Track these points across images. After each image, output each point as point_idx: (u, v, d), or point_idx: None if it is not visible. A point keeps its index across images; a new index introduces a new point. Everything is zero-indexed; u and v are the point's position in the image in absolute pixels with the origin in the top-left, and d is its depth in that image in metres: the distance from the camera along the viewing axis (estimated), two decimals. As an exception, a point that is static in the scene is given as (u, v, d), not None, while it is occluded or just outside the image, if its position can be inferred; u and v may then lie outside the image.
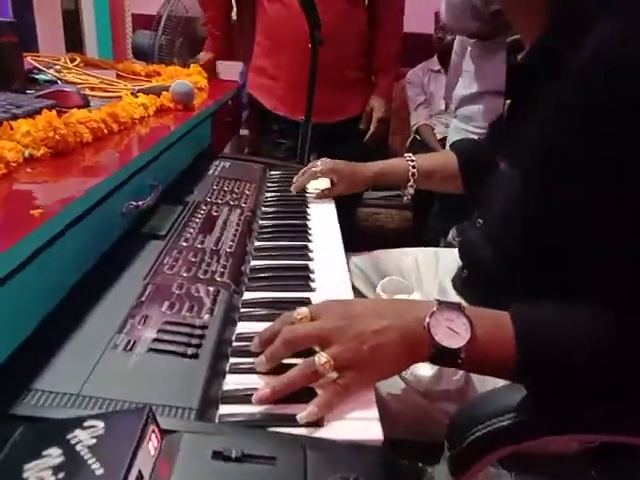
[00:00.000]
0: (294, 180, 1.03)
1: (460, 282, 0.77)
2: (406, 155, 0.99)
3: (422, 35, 2.86)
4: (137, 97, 1.06)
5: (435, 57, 2.75)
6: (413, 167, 0.95)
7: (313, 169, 0.98)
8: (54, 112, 0.71)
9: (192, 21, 2.60)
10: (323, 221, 0.92)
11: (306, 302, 0.62)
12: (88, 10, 2.62)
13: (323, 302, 0.52)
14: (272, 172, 1.19)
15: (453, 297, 0.78)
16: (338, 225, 0.90)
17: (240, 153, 2.07)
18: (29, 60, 1.20)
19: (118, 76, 1.52)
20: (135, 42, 2.49)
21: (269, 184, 1.11)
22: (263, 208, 0.97)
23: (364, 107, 1.63)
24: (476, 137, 1.17)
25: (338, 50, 1.45)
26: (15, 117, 0.78)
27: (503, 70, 0.72)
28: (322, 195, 1.00)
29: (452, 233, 1.27)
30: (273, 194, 1.05)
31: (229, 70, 2.97)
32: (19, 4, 1.56)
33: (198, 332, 0.53)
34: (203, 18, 1.85)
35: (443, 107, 2.72)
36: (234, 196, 0.96)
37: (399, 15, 1.66)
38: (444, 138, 2.65)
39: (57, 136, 0.65)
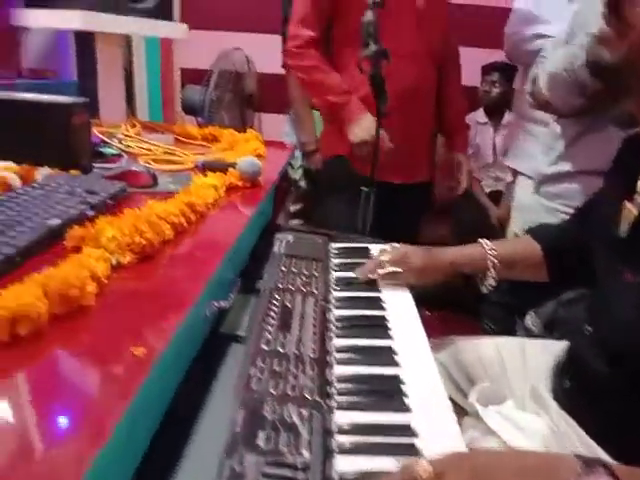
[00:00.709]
0: (361, 271, 0.97)
1: (562, 394, 0.70)
2: (482, 241, 0.94)
3: (467, 87, 2.86)
4: (204, 172, 1.05)
5: (481, 109, 2.73)
6: (493, 256, 0.89)
7: (381, 258, 0.93)
8: (137, 211, 0.69)
9: (241, 77, 2.66)
10: (400, 312, 0.87)
11: (405, 428, 0.57)
12: (140, 66, 2.70)
13: (447, 456, 0.47)
14: (335, 245, 1.16)
15: (551, 406, 0.71)
16: (418, 318, 0.85)
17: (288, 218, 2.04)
18: (95, 132, 1.21)
19: (176, 140, 1.53)
20: (185, 97, 2.55)
21: (335, 261, 1.08)
22: (334, 292, 0.93)
23: (431, 172, 1.63)
24: (565, 216, 1.10)
25: (413, 110, 1.45)
26: (92, 207, 0.77)
27: (603, 148, 0.68)
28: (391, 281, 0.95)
29: (531, 319, 1.21)
30: (341, 274, 1.01)
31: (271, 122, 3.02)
32: (83, 64, 1.59)
33: (301, 476, 0.48)
34: (297, 42, 1.48)
35: (490, 160, 2.68)
36: (304, 279, 0.92)
37: (461, 70, 1.70)
38: (492, 192, 2.60)
39: (143, 240, 0.63)
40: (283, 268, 0.96)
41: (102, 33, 1.37)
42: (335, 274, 1.01)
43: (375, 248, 1.17)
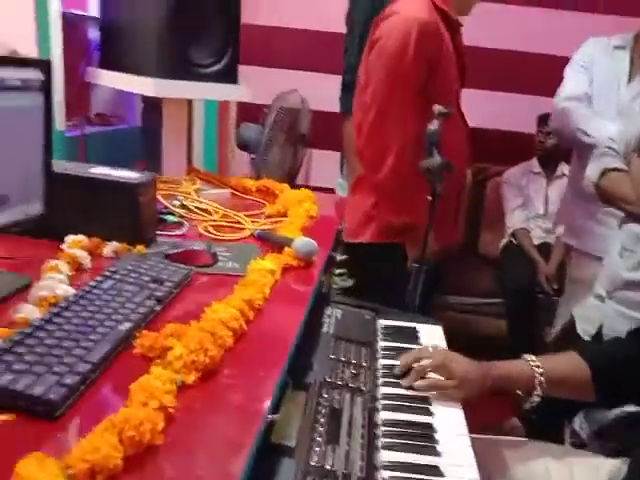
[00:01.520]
0: (401, 362, 0.96)
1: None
2: (527, 357, 0.92)
3: (522, 134, 2.83)
4: (261, 243, 1.08)
5: (535, 159, 2.69)
6: (540, 374, 0.88)
7: (423, 363, 0.92)
8: (201, 322, 0.72)
9: (297, 117, 2.71)
10: (447, 418, 0.87)
11: None
12: (198, 104, 2.79)
13: None
14: (383, 323, 1.17)
15: None
16: (466, 428, 0.85)
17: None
18: (159, 198, 1.26)
19: (233, 195, 1.59)
20: (240, 134, 2.62)
21: (383, 343, 1.08)
22: (382, 387, 0.94)
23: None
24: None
25: (458, 176, 1.44)
26: (159, 301, 0.81)
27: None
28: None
29: (580, 422, 1.18)
30: (388, 362, 1.02)
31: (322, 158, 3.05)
32: (148, 114, 1.66)
33: None
34: (396, 179, 1.36)
35: (542, 211, 2.63)
36: (352, 371, 0.94)
37: None
38: (541, 244, 2.55)
39: (207, 359, 0.66)
40: (332, 356, 0.98)
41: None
42: (382, 361, 1.02)
43: (423, 330, 1.18)
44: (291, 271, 1.06)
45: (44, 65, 0.86)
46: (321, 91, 2.96)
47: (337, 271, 1.80)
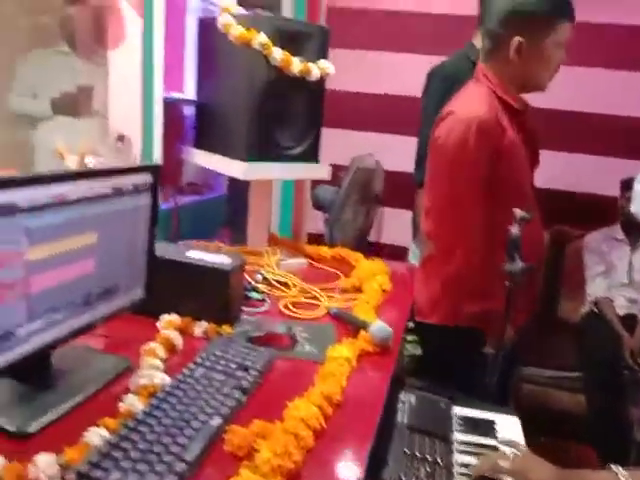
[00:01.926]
0: (477, 469, 0.94)
1: None
2: (616, 469, 0.87)
3: (606, 197, 2.74)
4: (337, 321, 1.12)
5: (618, 225, 2.58)
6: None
7: (501, 465, 0.90)
8: (284, 422, 0.76)
9: (371, 179, 2.79)
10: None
11: None
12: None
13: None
14: (458, 412, 1.16)
15: None
16: None
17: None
18: (245, 276, 1.33)
19: (310, 265, 1.65)
20: (317, 195, 2.71)
21: (459, 437, 1.07)
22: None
23: None
24: None
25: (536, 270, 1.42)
26: (244, 391, 0.86)
27: None
28: None
29: None
30: (464, 457, 1.00)
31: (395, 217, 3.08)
32: (235, 183, 1.76)
33: None
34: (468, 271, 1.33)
35: (625, 280, 2.50)
36: (427, 469, 0.94)
37: None
38: (626, 315, 2.42)
39: (292, 463, 0.69)
40: (407, 450, 0.98)
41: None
42: (458, 457, 1.01)
43: (500, 422, 1.15)
44: (367, 357, 1.08)
45: (153, 170, 0.96)
46: (394, 152, 3.03)
47: (408, 337, 1.80)
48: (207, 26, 1.56)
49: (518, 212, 1.01)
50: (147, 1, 1.41)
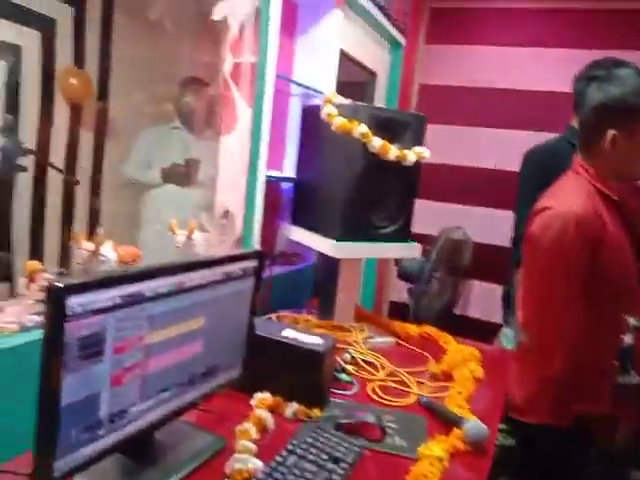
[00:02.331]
0: None
1: None
2: None
3: None
4: (426, 411, 1.08)
5: None
6: None
7: None
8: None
9: (460, 251, 2.75)
10: None
11: None
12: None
13: None
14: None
15: None
16: None
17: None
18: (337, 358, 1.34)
19: (397, 344, 1.63)
20: (403, 265, 2.71)
21: None
22: None
23: None
24: None
25: None
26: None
27: None
28: None
29: None
30: None
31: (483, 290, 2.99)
32: (325, 259, 1.79)
33: None
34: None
35: None
36: None
37: None
38: None
39: None
40: None
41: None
42: None
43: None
44: (459, 457, 1.04)
45: (258, 255, 1.02)
46: (483, 224, 2.99)
47: (499, 426, 1.70)
48: (310, 113, 1.67)
49: (631, 320, 0.96)
50: (258, 93, 1.54)
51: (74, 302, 0.64)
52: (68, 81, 2.33)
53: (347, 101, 1.58)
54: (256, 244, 1.66)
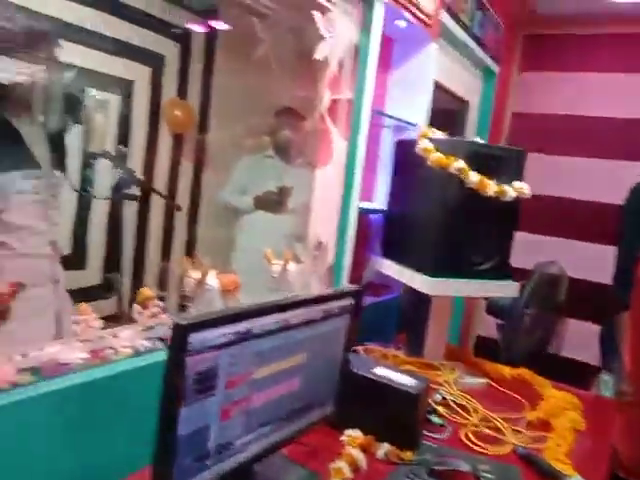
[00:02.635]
0: None
1: None
2: None
3: None
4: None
5: None
6: None
7: None
8: None
9: (555, 286, 2.61)
10: None
11: None
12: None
13: None
14: None
15: None
16: None
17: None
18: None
19: (489, 386, 1.57)
20: (494, 300, 2.61)
21: None
22: None
23: None
24: None
25: None
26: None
27: None
28: None
29: None
30: None
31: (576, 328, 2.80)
32: (415, 305, 1.75)
33: None
34: None
35: None
36: None
37: None
38: None
39: None
40: None
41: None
42: None
43: None
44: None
45: (356, 293, 1.03)
46: (578, 258, 2.82)
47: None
48: (403, 146, 1.68)
49: None
50: (354, 127, 1.57)
51: (195, 338, 0.68)
52: (173, 112, 2.50)
53: (441, 135, 1.57)
54: (346, 275, 1.67)
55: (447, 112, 2.73)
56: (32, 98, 1.25)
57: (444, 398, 1.37)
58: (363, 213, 1.74)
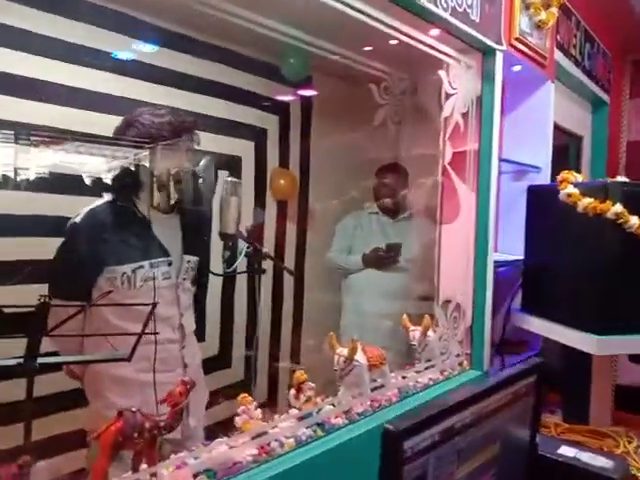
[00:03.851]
0: None
1: None
2: None
3: None
4: None
5: None
6: None
7: None
8: None
9: None
10: None
11: None
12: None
13: None
14: None
15: None
16: None
17: None
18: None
19: None
20: None
21: None
22: None
23: None
24: None
25: None
26: None
27: None
28: None
29: None
30: None
31: None
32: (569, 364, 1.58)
33: None
34: None
35: None
36: None
37: None
38: None
39: None
40: None
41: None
42: None
43: None
44: None
45: (539, 368, 0.92)
46: None
47: None
48: (538, 193, 1.57)
49: None
50: (482, 178, 1.50)
51: (408, 445, 0.61)
52: (278, 182, 2.56)
53: (581, 177, 1.45)
54: (487, 337, 1.55)
55: (559, 149, 2.58)
56: (170, 186, 1.29)
57: (634, 476, 1.18)
58: (500, 265, 1.63)
